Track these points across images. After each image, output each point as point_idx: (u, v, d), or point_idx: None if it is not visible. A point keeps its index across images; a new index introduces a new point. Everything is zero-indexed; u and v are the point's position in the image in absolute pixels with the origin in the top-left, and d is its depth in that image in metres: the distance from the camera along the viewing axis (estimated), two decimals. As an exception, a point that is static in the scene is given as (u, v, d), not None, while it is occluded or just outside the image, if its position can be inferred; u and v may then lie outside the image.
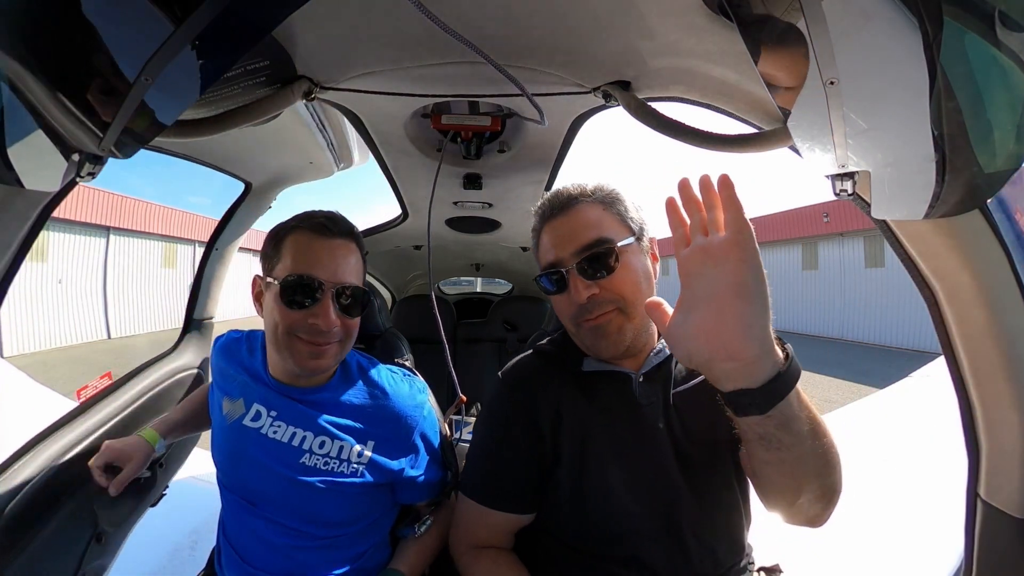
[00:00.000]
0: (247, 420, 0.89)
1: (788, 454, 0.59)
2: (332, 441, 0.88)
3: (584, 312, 0.78)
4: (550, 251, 0.82)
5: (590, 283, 0.77)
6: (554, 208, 0.83)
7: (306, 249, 0.84)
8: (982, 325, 0.64)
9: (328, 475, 0.86)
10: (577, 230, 0.79)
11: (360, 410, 0.91)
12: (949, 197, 0.49)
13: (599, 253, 0.77)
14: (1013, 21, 0.38)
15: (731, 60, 0.70)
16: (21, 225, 0.65)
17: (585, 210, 0.81)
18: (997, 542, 0.68)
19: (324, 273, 0.83)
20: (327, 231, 0.85)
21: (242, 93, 0.77)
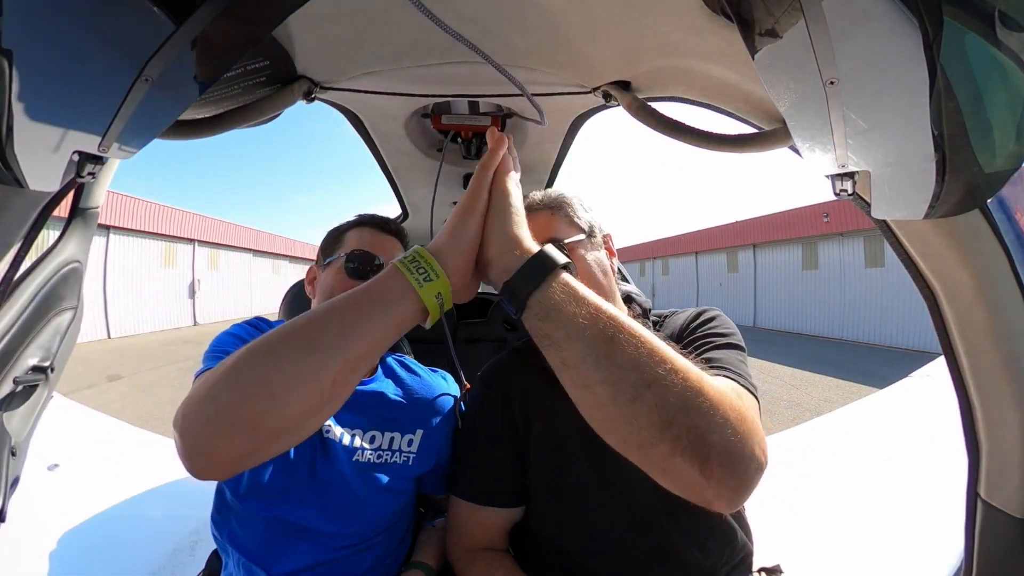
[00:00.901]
0: None
1: (569, 352, 0.52)
2: (383, 435, 0.89)
3: None
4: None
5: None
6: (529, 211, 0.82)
7: (371, 237, 0.94)
8: (982, 325, 0.64)
9: (381, 469, 0.87)
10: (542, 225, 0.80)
11: (406, 400, 0.94)
12: (949, 197, 0.49)
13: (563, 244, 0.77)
14: (1013, 21, 0.38)
15: (731, 60, 0.70)
16: (21, 225, 0.65)
17: (537, 217, 0.82)
18: (997, 542, 0.68)
19: (384, 254, 0.93)
20: (388, 228, 0.97)
21: (242, 93, 0.77)
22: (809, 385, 7.65)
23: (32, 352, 0.93)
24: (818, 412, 4.93)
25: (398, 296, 0.50)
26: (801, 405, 6.26)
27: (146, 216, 15.08)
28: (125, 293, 14.21)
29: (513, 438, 0.84)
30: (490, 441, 0.85)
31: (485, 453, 0.86)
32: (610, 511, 0.77)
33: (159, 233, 15.72)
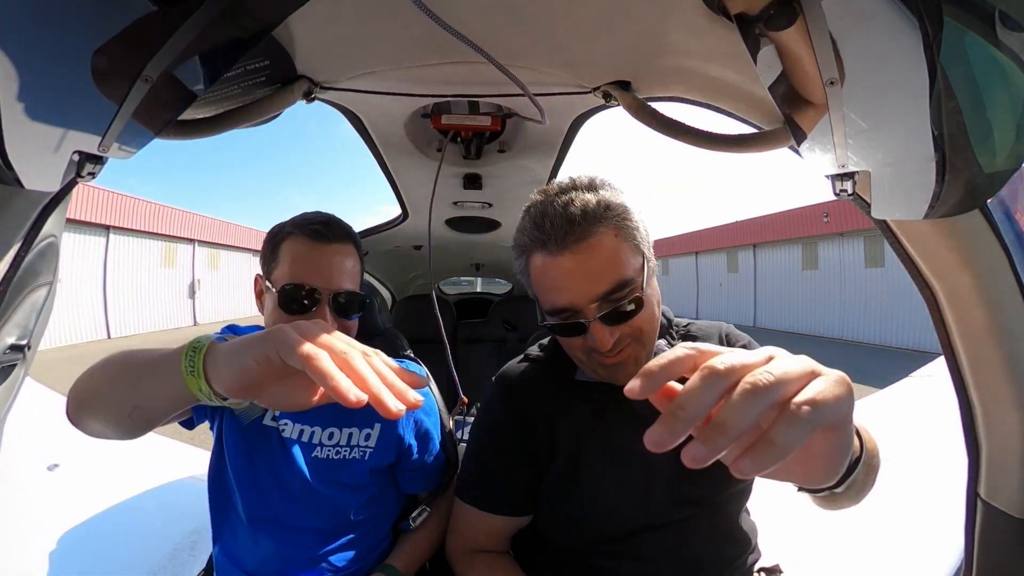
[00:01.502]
0: (267, 420, 0.88)
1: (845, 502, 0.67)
2: (341, 431, 0.89)
3: (602, 355, 0.71)
4: (560, 292, 0.69)
5: (613, 328, 0.69)
6: (560, 234, 0.68)
7: (303, 256, 0.84)
8: (982, 325, 0.63)
9: (339, 465, 0.88)
10: (595, 271, 0.68)
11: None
12: (949, 197, 0.49)
13: (624, 298, 0.68)
14: (1013, 21, 0.38)
15: (731, 60, 0.70)
16: (21, 225, 0.65)
17: (600, 241, 0.68)
18: (997, 542, 0.68)
19: (320, 280, 0.83)
20: (323, 237, 0.85)
21: (242, 93, 0.77)
22: (809, 385, 7.64)
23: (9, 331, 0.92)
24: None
25: (175, 374, 0.50)
26: (801, 405, 6.25)
27: (146, 216, 15.08)
28: (125, 293, 14.21)
29: (530, 454, 0.81)
30: (505, 452, 0.82)
31: (499, 465, 0.83)
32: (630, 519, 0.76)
33: (159, 233, 15.72)
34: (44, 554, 1.45)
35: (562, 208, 0.69)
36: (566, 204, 0.69)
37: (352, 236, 0.91)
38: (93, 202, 12.95)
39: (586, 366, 0.77)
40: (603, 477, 0.77)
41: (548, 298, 0.72)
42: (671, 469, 0.76)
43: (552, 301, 0.71)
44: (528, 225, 0.73)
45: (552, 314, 0.72)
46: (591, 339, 0.69)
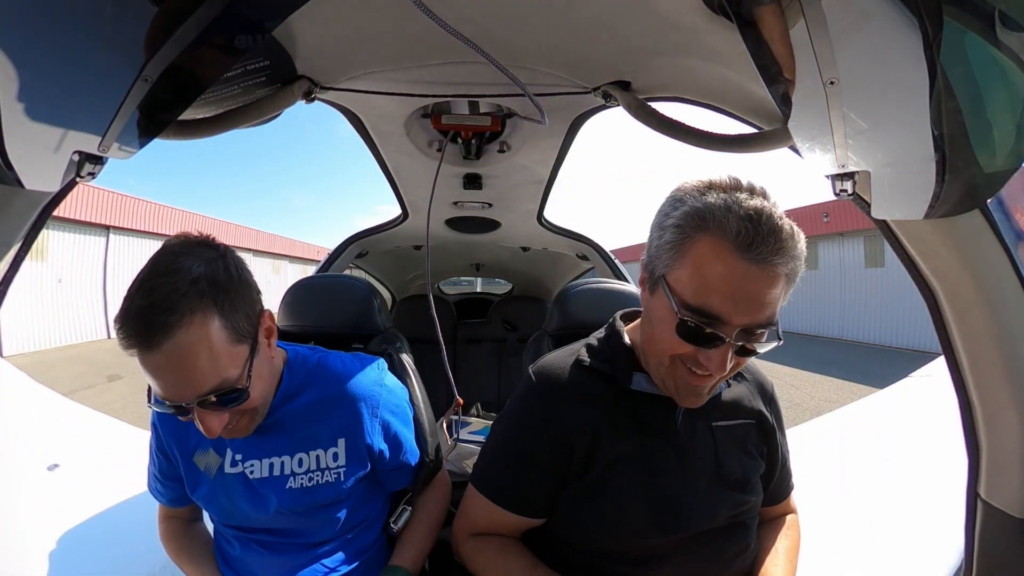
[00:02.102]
0: (228, 467, 0.86)
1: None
2: (308, 455, 0.86)
3: (700, 368, 0.67)
4: (725, 300, 0.63)
5: (736, 359, 0.66)
6: (753, 242, 0.61)
7: (145, 370, 0.66)
8: (982, 325, 0.63)
9: (315, 490, 0.86)
10: (765, 300, 0.63)
11: (319, 408, 0.87)
12: (949, 197, 0.49)
13: (761, 337, 0.65)
14: (1013, 21, 0.38)
15: (731, 60, 0.70)
16: (21, 225, 0.65)
17: (780, 276, 0.63)
18: (997, 542, 0.68)
19: (173, 393, 0.67)
20: (148, 346, 0.63)
21: (242, 93, 0.77)
22: (809, 385, 7.65)
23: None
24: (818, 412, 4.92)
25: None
26: (801, 405, 6.26)
27: (146, 216, 15.07)
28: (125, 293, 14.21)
29: (562, 459, 0.77)
30: (535, 456, 0.78)
31: (526, 469, 0.79)
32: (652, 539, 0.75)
33: (159, 233, 15.70)
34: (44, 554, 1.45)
35: (776, 222, 0.62)
36: (780, 221, 0.63)
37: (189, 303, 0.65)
38: (93, 202, 12.94)
39: (660, 371, 0.73)
40: (634, 495, 0.75)
41: (705, 295, 0.64)
42: (702, 492, 0.76)
43: (709, 302, 0.63)
44: (719, 209, 0.63)
45: (694, 312, 0.64)
46: (709, 356, 0.65)
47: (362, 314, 1.28)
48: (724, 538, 0.78)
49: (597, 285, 1.29)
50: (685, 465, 0.77)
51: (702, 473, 0.77)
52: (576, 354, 0.84)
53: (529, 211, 1.81)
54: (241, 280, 0.73)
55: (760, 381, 0.89)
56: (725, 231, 0.62)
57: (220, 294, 0.68)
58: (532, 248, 2.38)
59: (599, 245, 2.14)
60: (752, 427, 0.83)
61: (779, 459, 0.87)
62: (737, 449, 0.81)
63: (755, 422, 0.84)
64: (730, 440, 0.81)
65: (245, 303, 0.72)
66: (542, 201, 1.71)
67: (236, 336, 0.70)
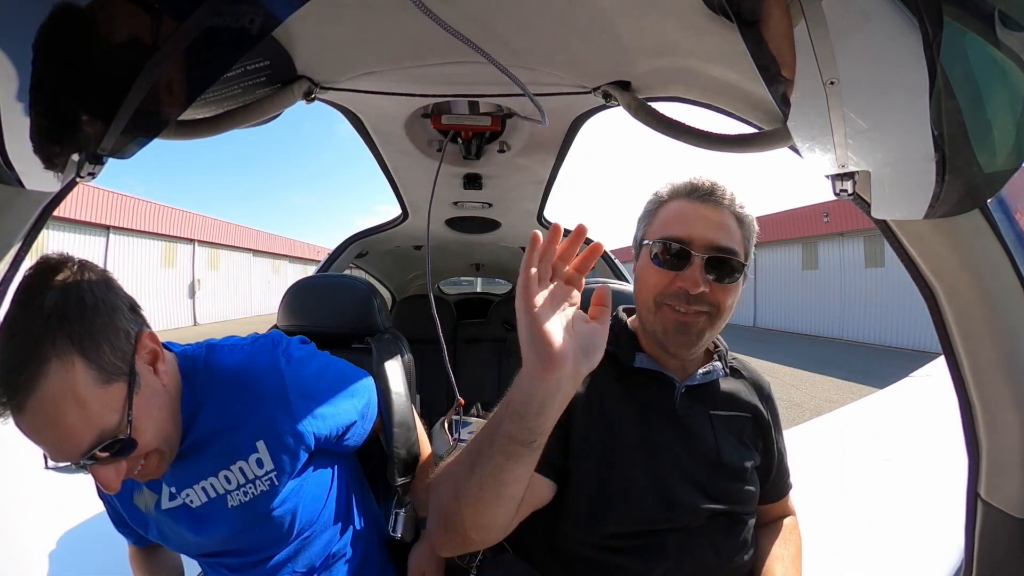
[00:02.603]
0: (166, 502, 0.81)
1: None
2: (231, 470, 0.79)
3: (679, 300, 0.77)
4: (681, 225, 0.79)
5: (709, 280, 0.77)
6: (699, 192, 0.81)
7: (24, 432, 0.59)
8: (982, 325, 0.63)
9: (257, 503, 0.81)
10: (717, 226, 0.78)
11: (224, 415, 0.78)
12: (949, 197, 0.49)
13: (729, 260, 0.78)
14: (1013, 21, 0.38)
15: (731, 60, 0.70)
16: (21, 225, 0.65)
17: (728, 216, 0.80)
18: (997, 542, 0.68)
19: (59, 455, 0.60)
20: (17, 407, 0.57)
21: (242, 93, 0.77)
22: (809, 385, 7.65)
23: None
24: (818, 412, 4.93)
25: None
26: (801, 405, 6.26)
27: (146, 216, 15.08)
28: (125, 293, 14.21)
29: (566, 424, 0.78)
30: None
31: None
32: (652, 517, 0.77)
33: (159, 233, 15.72)
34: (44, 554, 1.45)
35: (721, 187, 0.81)
36: (725, 188, 0.81)
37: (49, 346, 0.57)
38: (93, 202, 12.95)
39: (650, 318, 0.82)
40: (635, 471, 0.78)
41: (669, 228, 0.80)
42: (701, 476, 0.79)
43: (672, 230, 0.79)
44: (678, 186, 0.83)
45: (666, 241, 0.79)
46: (684, 277, 0.76)
47: (362, 314, 1.28)
48: (722, 533, 0.79)
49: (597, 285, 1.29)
50: (684, 445, 0.80)
51: (702, 456, 0.80)
52: None
53: (529, 211, 1.81)
54: (99, 305, 0.61)
55: (757, 380, 0.93)
56: (679, 192, 0.83)
57: (75, 329, 0.58)
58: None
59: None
60: (748, 420, 0.87)
61: (775, 456, 0.90)
62: (734, 439, 0.84)
63: (751, 416, 0.88)
64: (727, 429, 0.84)
65: (109, 332, 0.61)
66: (542, 201, 1.71)
67: (104, 376, 0.60)
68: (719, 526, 0.79)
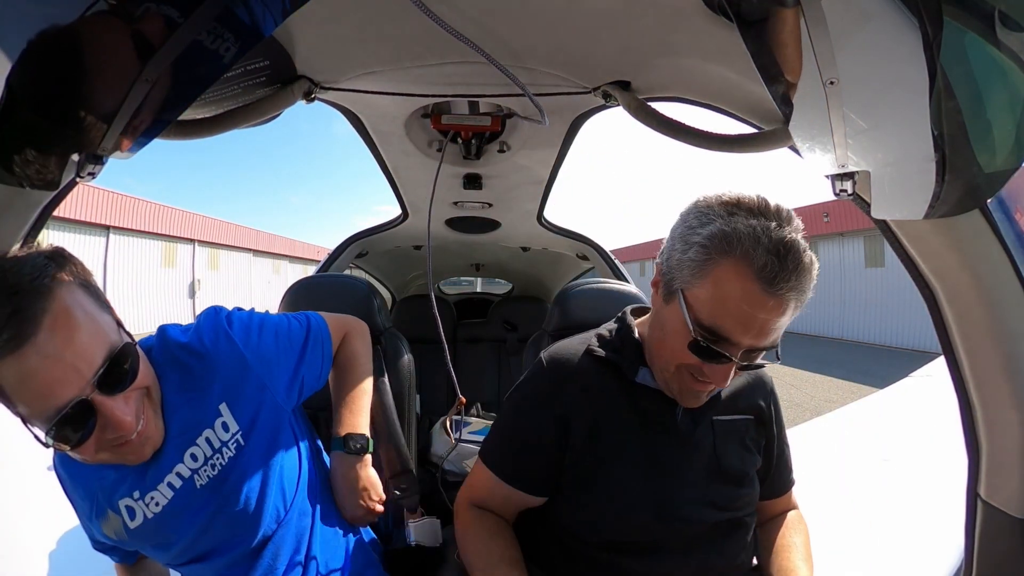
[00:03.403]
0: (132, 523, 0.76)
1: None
2: (198, 442, 0.76)
3: (703, 377, 0.71)
4: (732, 322, 0.65)
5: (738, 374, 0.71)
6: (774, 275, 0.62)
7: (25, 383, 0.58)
8: (982, 325, 0.63)
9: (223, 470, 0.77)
10: (774, 328, 0.66)
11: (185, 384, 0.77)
12: (949, 197, 0.49)
13: (760, 356, 0.69)
14: (1013, 21, 0.38)
15: (731, 60, 0.70)
16: (21, 225, 0.65)
17: (790, 306, 0.65)
18: (997, 542, 0.68)
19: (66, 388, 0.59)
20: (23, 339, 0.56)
21: (242, 93, 0.77)
22: (809, 385, 7.64)
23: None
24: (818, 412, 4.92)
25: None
26: (801, 405, 6.26)
27: (146, 216, 15.07)
28: (125, 293, 14.20)
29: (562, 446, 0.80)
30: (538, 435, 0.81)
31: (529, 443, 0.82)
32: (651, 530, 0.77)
33: (159, 233, 15.71)
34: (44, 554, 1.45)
35: (801, 256, 0.64)
36: (802, 254, 0.64)
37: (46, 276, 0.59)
38: (93, 202, 12.94)
39: (665, 374, 0.76)
40: (635, 484, 0.77)
41: (717, 317, 0.66)
42: (703, 486, 0.79)
43: (723, 324, 0.66)
44: (748, 240, 0.63)
45: (707, 331, 0.67)
46: (713, 370, 0.69)
47: (362, 314, 1.28)
48: (724, 536, 0.80)
49: (597, 285, 1.29)
50: (684, 458, 0.79)
51: (701, 466, 0.80)
52: (587, 343, 0.87)
53: (529, 211, 1.81)
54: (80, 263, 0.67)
55: (759, 375, 0.90)
56: (751, 262, 0.63)
57: (69, 265, 0.63)
58: (532, 248, 2.38)
59: (599, 245, 2.14)
60: (751, 422, 0.86)
61: (775, 452, 0.89)
62: (736, 443, 0.83)
63: (754, 417, 0.86)
64: (729, 434, 0.83)
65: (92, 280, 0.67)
66: (542, 201, 1.71)
67: (100, 302, 0.65)
68: (721, 530, 0.80)
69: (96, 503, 0.78)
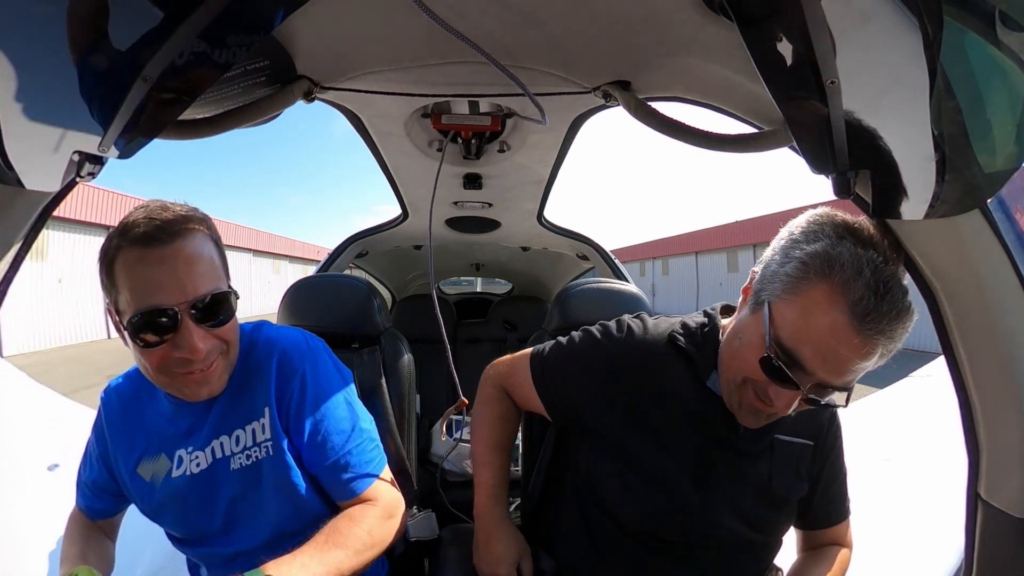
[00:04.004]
0: (175, 472, 0.83)
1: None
2: (244, 431, 0.82)
3: (767, 398, 0.69)
4: (815, 353, 0.63)
5: (798, 405, 0.69)
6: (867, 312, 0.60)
7: (139, 273, 0.70)
8: (982, 325, 0.63)
9: (255, 468, 0.82)
10: (851, 368, 0.64)
11: (249, 374, 0.84)
12: (949, 197, 0.49)
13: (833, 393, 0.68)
14: (1013, 21, 0.38)
15: (731, 60, 0.70)
16: (21, 225, 0.65)
17: (877, 351, 0.63)
18: (997, 542, 0.68)
19: (169, 297, 0.69)
20: (156, 240, 0.70)
21: (242, 93, 0.77)
22: (809, 385, 7.63)
23: None
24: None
25: None
26: (801, 405, 6.25)
27: (146, 216, 15.07)
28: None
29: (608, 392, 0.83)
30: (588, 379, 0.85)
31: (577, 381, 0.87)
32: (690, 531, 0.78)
33: (159, 233, 15.71)
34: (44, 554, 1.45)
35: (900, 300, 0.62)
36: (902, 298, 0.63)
37: (193, 220, 0.74)
38: (93, 202, 12.95)
39: (730, 385, 0.75)
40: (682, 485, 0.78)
41: (801, 342, 0.64)
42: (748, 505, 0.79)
43: (801, 350, 0.64)
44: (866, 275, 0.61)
45: (783, 351, 0.65)
46: (778, 393, 0.68)
47: (362, 314, 1.28)
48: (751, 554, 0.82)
49: (597, 285, 1.29)
50: (740, 473, 0.79)
51: (753, 486, 0.80)
52: (672, 328, 0.86)
53: (529, 211, 1.81)
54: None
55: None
56: (847, 291, 0.61)
57: (208, 222, 0.78)
58: (532, 248, 2.38)
59: (599, 245, 2.14)
60: (808, 449, 0.84)
61: (825, 482, 0.87)
62: (790, 469, 0.82)
63: (813, 444, 0.84)
64: (786, 458, 0.82)
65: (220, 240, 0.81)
66: (542, 201, 1.71)
67: (222, 258, 0.79)
68: (751, 549, 0.81)
69: (152, 444, 0.85)
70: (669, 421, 0.80)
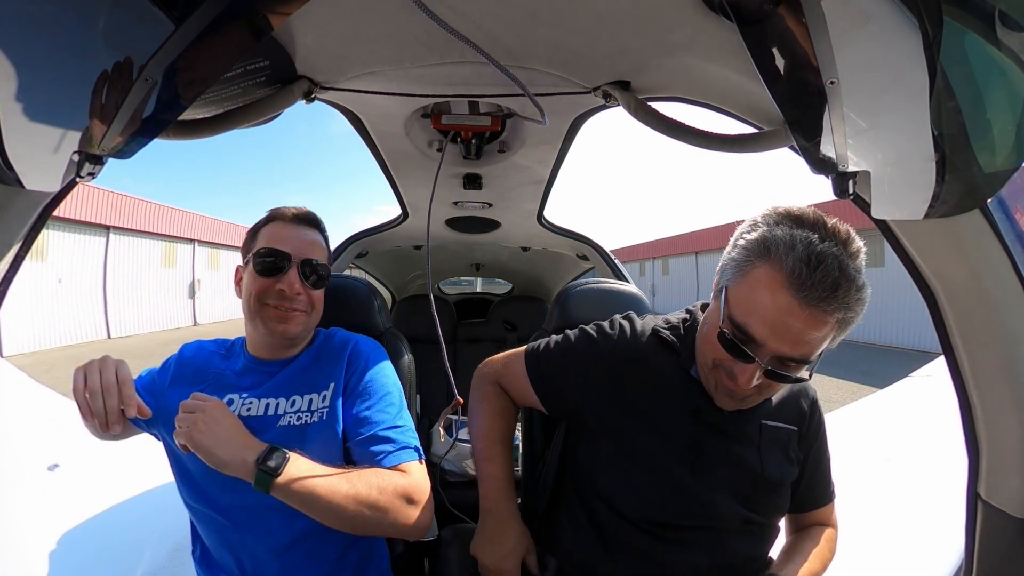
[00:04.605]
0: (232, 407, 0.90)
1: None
2: (303, 397, 0.93)
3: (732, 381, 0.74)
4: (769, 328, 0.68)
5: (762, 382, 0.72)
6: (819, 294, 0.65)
7: (277, 232, 0.96)
8: (982, 325, 0.63)
9: (301, 429, 0.90)
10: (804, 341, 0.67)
11: (321, 360, 0.99)
12: (949, 197, 0.49)
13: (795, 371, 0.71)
14: (1013, 21, 0.38)
15: (731, 60, 0.70)
16: (21, 225, 0.65)
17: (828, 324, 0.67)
18: (997, 542, 0.68)
19: (290, 248, 0.94)
20: (296, 219, 0.99)
21: (242, 93, 0.77)
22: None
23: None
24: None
25: None
26: (801, 405, 6.25)
27: (146, 216, 15.07)
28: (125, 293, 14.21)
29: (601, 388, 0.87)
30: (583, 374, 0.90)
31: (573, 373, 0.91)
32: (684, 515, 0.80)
33: (159, 233, 15.71)
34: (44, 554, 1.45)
35: (838, 272, 0.65)
36: (842, 271, 0.65)
37: (319, 224, 1.04)
38: (93, 202, 12.94)
39: (704, 369, 0.81)
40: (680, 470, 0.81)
41: (748, 316, 0.70)
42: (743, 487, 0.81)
43: (749, 323, 0.69)
44: (788, 256, 0.66)
45: (739, 329, 0.70)
46: (742, 369, 0.72)
47: (362, 314, 1.28)
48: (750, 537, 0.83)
49: (597, 285, 1.29)
50: (732, 455, 0.82)
51: (746, 468, 0.82)
52: (656, 322, 0.94)
53: (529, 211, 1.81)
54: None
55: (804, 387, 0.91)
56: (782, 266, 0.67)
57: (320, 222, 1.03)
58: (532, 248, 2.38)
59: (599, 245, 2.14)
60: (794, 434, 0.87)
61: (809, 466, 0.90)
62: (779, 452, 0.85)
63: (797, 428, 0.87)
64: (773, 442, 0.85)
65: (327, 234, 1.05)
66: (542, 201, 1.71)
67: (328, 252, 1.04)
68: (749, 531, 0.83)
69: (210, 386, 0.94)
70: (660, 409, 0.84)
